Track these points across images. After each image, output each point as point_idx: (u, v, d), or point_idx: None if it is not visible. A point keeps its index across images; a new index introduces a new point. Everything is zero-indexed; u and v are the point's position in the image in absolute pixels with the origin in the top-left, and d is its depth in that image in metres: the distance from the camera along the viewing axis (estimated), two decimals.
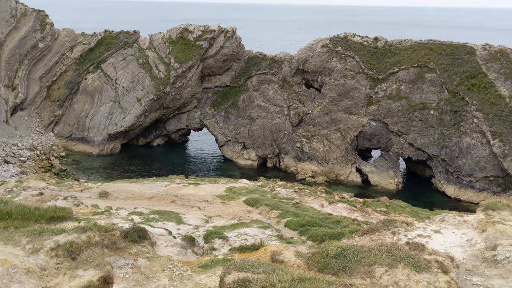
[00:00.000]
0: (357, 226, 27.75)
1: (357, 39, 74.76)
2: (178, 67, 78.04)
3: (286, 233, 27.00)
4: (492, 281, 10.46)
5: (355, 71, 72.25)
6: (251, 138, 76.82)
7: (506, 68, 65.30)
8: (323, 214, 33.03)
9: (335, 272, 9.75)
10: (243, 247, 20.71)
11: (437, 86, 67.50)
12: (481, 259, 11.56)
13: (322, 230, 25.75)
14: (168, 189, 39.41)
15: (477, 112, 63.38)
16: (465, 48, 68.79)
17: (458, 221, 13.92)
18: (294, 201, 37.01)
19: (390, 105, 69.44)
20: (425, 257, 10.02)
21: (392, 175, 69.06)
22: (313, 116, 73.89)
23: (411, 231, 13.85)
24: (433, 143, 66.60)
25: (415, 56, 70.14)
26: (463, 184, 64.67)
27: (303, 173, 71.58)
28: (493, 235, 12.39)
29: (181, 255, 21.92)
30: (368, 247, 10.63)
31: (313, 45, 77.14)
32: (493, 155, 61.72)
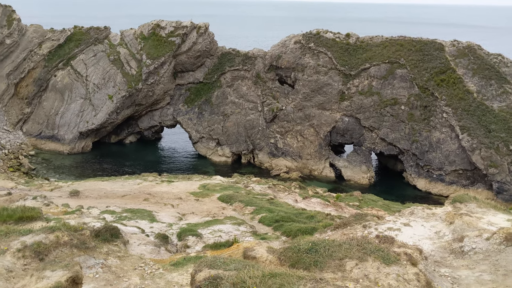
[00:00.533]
0: (330, 220, 28.03)
1: (330, 35, 75.35)
2: (150, 63, 77.11)
3: (261, 229, 27.08)
4: (459, 272, 10.71)
5: (328, 67, 72.83)
6: (225, 135, 76.64)
7: (474, 63, 66.90)
8: (297, 209, 33.26)
9: (306, 267, 9.80)
10: (217, 244, 20.68)
11: (408, 81, 68.66)
12: (448, 251, 11.82)
13: (296, 225, 25.93)
14: (141, 187, 38.97)
15: (446, 107, 64.77)
16: (434, 45, 70.15)
17: (427, 214, 14.19)
18: (268, 197, 37.14)
19: (362, 101, 70.31)
20: (395, 250, 10.18)
21: (365, 170, 70.01)
22: (287, 112, 74.19)
23: (381, 224, 14.06)
24: (404, 138, 67.77)
25: (386, 52, 71.16)
26: (433, 177, 66.07)
27: (278, 169, 71.86)
28: (460, 227, 12.68)
29: (154, 253, 21.72)
30: (339, 241, 10.73)
31: (286, 41, 77.39)
32: (462, 149, 63.24)
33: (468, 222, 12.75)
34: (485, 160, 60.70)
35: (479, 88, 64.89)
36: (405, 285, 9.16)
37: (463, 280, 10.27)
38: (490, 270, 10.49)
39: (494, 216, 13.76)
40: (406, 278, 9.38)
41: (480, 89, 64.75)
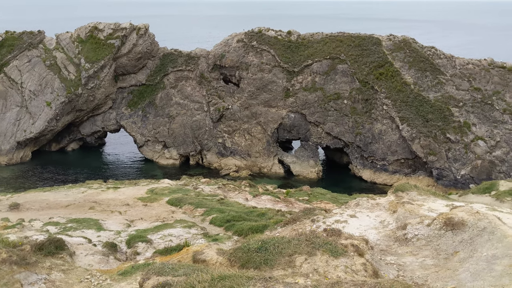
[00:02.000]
0: (281, 216, 28.29)
1: (271, 33, 76.01)
2: (89, 67, 74.65)
3: (212, 230, 26.92)
4: (404, 259, 11.08)
5: (272, 64, 73.47)
6: (171, 137, 75.56)
7: (410, 57, 69.70)
8: (248, 207, 33.33)
9: (257, 266, 9.80)
10: (168, 248, 20.39)
11: (349, 76, 70.52)
12: (393, 239, 12.20)
13: (248, 223, 25.99)
14: (86, 195, 37.68)
15: (386, 99, 67.10)
16: (372, 39, 72.44)
17: (371, 204, 14.60)
18: (219, 197, 36.97)
19: (307, 97, 71.49)
20: (342, 242, 10.38)
21: (313, 164, 71.27)
22: (233, 111, 74.19)
23: (329, 217, 14.31)
24: (348, 131, 69.57)
25: (327, 49, 72.70)
26: (378, 168, 68.31)
27: (227, 169, 71.75)
28: (403, 215, 13.13)
29: (103, 263, 21.09)
30: (288, 238, 10.81)
31: (229, 40, 77.33)
32: (403, 139, 65.76)
33: (410, 210, 13.22)
34: (424, 149, 63.46)
35: (415, 80, 67.67)
36: (353, 275, 9.36)
37: (407, 266, 10.63)
38: (432, 255, 10.93)
39: (434, 202, 14.36)
40: (354, 269, 9.59)
41: (417, 80, 67.56)
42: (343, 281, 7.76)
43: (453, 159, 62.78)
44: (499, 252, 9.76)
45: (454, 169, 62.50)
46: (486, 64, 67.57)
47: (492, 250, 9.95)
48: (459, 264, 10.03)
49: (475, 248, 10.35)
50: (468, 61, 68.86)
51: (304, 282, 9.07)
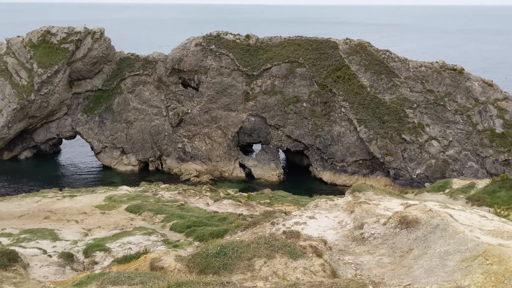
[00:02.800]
0: (242, 220, 28.24)
1: (230, 37, 76.04)
2: (43, 72, 72.28)
3: (172, 237, 26.61)
4: (361, 258, 11.25)
5: (231, 68, 73.47)
6: (129, 142, 74.14)
7: (365, 60, 71.37)
8: (208, 212, 33.11)
9: (216, 271, 9.70)
10: (127, 257, 20.03)
11: (307, 79, 71.42)
12: (351, 239, 12.38)
13: (209, 229, 25.84)
14: (40, 205, 36.39)
15: (344, 102, 68.38)
16: (329, 43, 73.73)
17: (330, 205, 14.77)
18: (179, 203, 36.56)
19: (267, 100, 71.87)
20: (301, 244, 10.43)
21: (274, 167, 71.64)
22: (192, 115, 73.62)
23: (288, 220, 14.37)
24: (308, 134, 70.39)
25: (285, 52, 73.40)
26: (337, 169, 69.44)
27: (187, 174, 71.06)
28: (360, 214, 13.35)
29: (58, 274, 20.50)
30: (247, 241, 10.77)
31: (187, 44, 76.79)
32: (360, 140, 67.16)
33: (367, 210, 13.46)
34: (381, 149, 65.04)
35: (371, 83, 69.32)
36: (312, 276, 9.41)
37: (365, 265, 10.80)
38: (388, 253, 11.15)
39: (390, 202, 14.68)
40: (313, 270, 9.65)
41: (373, 83, 69.22)
42: (300, 282, 7.79)
43: (409, 159, 64.63)
44: (451, 248, 10.06)
45: (410, 169, 64.34)
46: (438, 66, 70.03)
47: (445, 246, 10.25)
48: (413, 261, 10.28)
49: (429, 245, 10.63)
50: (421, 63, 71.17)
51: (263, 285, 9.05)
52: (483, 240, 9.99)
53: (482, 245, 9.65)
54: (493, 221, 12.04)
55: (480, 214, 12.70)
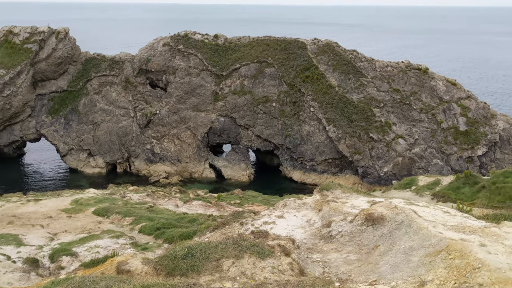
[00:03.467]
0: (212, 221, 28.13)
1: (198, 37, 75.62)
2: (5, 73, 70.06)
3: (141, 239, 26.30)
4: (329, 256, 11.36)
5: (199, 68, 73.07)
6: (96, 144, 72.73)
7: (333, 60, 72.23)
8: (178, 214, 32.85)
9: (183, 273, 9.61)
10: (95, 261, 19.72)
11: (276, 79, 71.76)
12: (319, 237, 12.49)
13: (178, 230, 25.66)
14: (3, 210, 35.27)
15: (313, 102, 69.01)
16: (298, 43, 74.28)
17: (298, 204, 14.87)
18: (148, 205, 36.11)
19: (236, 100, 71.82)
20: (269, 243, 10.45)
21: (244, 167, 71.64)
22: (161, 116, 72.84)
23: (257, 219, 14.39)
24: (277, 133, 70.71)
25: (254, 52, 73.52)
26: (307, 168, 70.03)
27: (156, 175, 70.25)
28: (328, 213, 13.49)
29: (23, 280, 20.09)
30: (215, 242, 10.72)
31: (154, 44, 75.94)
32: (329, 139, 67.93)
33: (334, 208, 13.61)
34: (350, 148, 65.98)
35: (339, 82, 70.22)
36: (280, 276, 9.44)
37: (332, 263, 10.91)
38: (355, 250, 11.30)
39: (356, 199, 14.89)
40: (281, 269, 9.68)
41: (341, 83, 70.14)
42: (267, 282, 7.80)
43: (376, 157, 65.79)
44: (416, 244, 10.28)
45: (377, 167, 65.50)
46: (404, 66, 71.54)
47: (409, 242, 10.46)
48: (379, 258, 10.45)
49: (394, 241, 10.83)
50: (387, 63, 72.56)
51: (231, 285, 9.02)
52: (446, 235, 10.24)
53: (445, 240, 9.89)
54: (456, 216, 12.36)
55: (443, 210, 13.03)
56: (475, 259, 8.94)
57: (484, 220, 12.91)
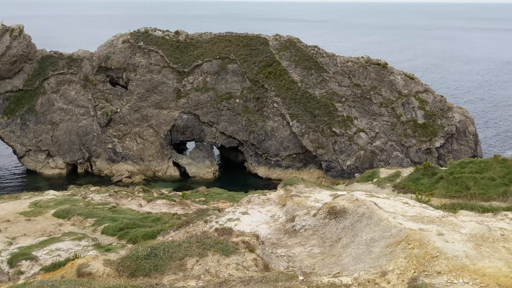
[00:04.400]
0: (177, 220, 27.86)
1: (159, 33, 74.53)
2: None
3: (104, 240, 25.81)
4: (293, 250, 11.44)
5: (161, 65, 72.06)
6: (55, 145, 70.64)
7: (295, 56, 72.74)
8: (142, 214, 32.39)
9: (146, 273, 9.47)
10: (56, 264, 19.22)
11: (239, 76, 71.64)
12: (283, 232, 12.56)
13: (142, 230, 25.31)
14: None
15: (276, 97, 69.34)
16: (260, 39, 74.36)
17: (262, 200, 14.90)
18: (110, 205, 35.42)
19: (199, 97, 71.28)
20: (233, 240, 10.42)
21: (209, 165, 71.30)
22: (122, 114, 71.46)
23: (222, 216, 14.33)
24: (242, 130, 70.69)
25: (216, 48, 73.12)
26: (272, 164, 70.37)
27: (119, 175, 68.94)
28: (292, 207, 13.57)
29: None
30: (179, 241, 10.60)
31: (114, 41, 74.31)
32: (293, 134, 68.48)
33: (298, 202, 13.71)
34: (313, 143, 66.74)
35: (302, 78, 70.82)
36: (245, 272, 9.43)
37: (297, 257, 10.99)
38: (319, 243, 11.42)
39: (320, 193, 15.05)
40: (245, 265, 9.68)
41: (303, 78, 70.75)
42: (231, 279, 7.77)
43: (339, 151, 66.82)
44: (377, 235, 10.48)
45: (340, 161, 66.55)
46: (364, 61, 72.84)
47: (371, 233, 10.66)
48: (342, 250, 10.60)
49: (356, 233, 11.01)
50: (348, 59, 73.67)
51: (195, 284, 8.95)
52: (406, 225, 10.49)
53: (405, 230, 10.13)
54: (415, 207, 12.69)
55: (403, 201, 13.34)
56: (433, 248, 9.20)
57: (442, 209, 13.32)
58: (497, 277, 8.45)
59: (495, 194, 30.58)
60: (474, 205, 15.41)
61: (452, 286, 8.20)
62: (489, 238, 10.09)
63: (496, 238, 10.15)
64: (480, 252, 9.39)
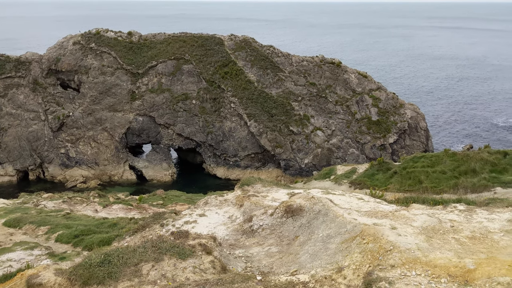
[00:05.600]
0: (134, 224, 27.27)
1: (111, 34, 72.83)
2: None
3: (59, 248, 24.98)
4: (251, 250, 11.41)
5: (114, 67, 70.44)
6: (5, 151, 67.69)
7: (251, 55, 72.91)
8: (97, 219, 31.53)
9: (100, 281, 9.17)
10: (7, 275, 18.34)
11: (195, 76, 71.08)
12: (241, 232, 12.50)
13: (98, 236, 24.66)
14: None
15: (233, 98, 69.26)
16: (215, 39, 74.05)
17: (220, 201, 14.78)
18: (64, 212, 34.31)
19: (154, 99, 70.18)
20: (190, 243, 10.27)
21: (166, 167, 70.33)
22: (75, 118, 69.35)
23: (178, 219, 14.11)
24: (199, 131, 70.17)
25: (170, 49, 72.22)
26: (230, 164, 70.23)
27: (73, 180, 66.87)
28: (249, 207, 13.54)
29: None
30: (133, 246, 10.34)
31: (64, 43, 72.01)
32: (251, 134, 68.62)
33: (256, 202, 13.69)
34: (272, 142, 67.11)
35: (258, 78, 71.07)
36: (202, 275, 9.31)
37: (255, 257, 10.96)
38: (276, 242, 11.44)
39: (277, 192, 15.09)
40: (203, 268, 9.55)
41: (259, 78, 71.01)
42: (186, 283, 7.63)
43: (297, 149, 67.52)
44: (333, 232, 10.61)
45: (298, 159, 67.26)
46: (318, 60, 73.94)
47: (327, 230, 10.78)
48: (299, 248, 10.66)
49: (313, 230, 11.10)
50: (303, 58, 74.58)
51: None
52: (360, 221, 10.67)
53: (359, 226, 10.30)
54: (369, 202, 12.94)
55: (358, 197, 13.58)
56: (387, 242, 9.39)
57: (395, 204, 13.65)
58: (448, 267, 8.72)
59: (446, 187, 31.75)
60: (426, 198, 15.91)
61: (405, 278, 8.40)
62: (439, 230, 10.41)
63: (446, 230, 10.49)
64: (431, 244, 9.66)
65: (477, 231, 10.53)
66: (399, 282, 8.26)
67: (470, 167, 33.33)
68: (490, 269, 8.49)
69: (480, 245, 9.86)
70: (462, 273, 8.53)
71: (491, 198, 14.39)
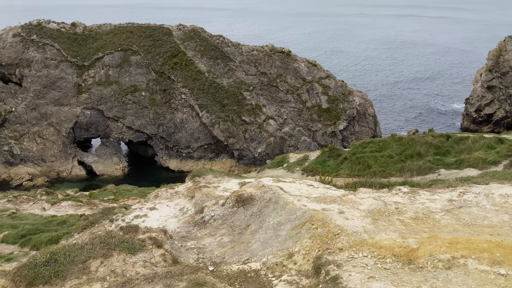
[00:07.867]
0: (84, 221, 26.61)
1: (53, 25, 69.92)
2: None
3: (5, 250, 24.05)
4: (203, 241, 11.38)
5: (58, 59, 67.77)
6: None
7: (201, 45, 72.14)
8: (46, 218, 30.57)
9: (46, 281, 8.89)
10: None
11: (144, 67, 69.60)
12: (193, 224, 12.44)
13: (47, 235, 23.94)
14: None
15: (184, 89, 68.41)
16: (163, 30, 72.67)
17: (170, 193, 14.63)
18: (10, 211, 33.01)
19: (102, 91, 68.22)
20: (139, 237, 10.12)
21: (117, 161, 68.77)
22: (18, 113, 66.33)
23: (128, 214, 13.87)
24: (150, 123, 68.94)
25: (117, 40, 70.27)
26: (183, 156, 69.56)
27: (19, 178, 64.14)
28: (201, 199, 13.48)
29: None
30: (81, 244, 10.07)
31: (3, 35, 68.47)
32: (204, 125, 68.16)
33: (207, 193, 13.65)
34: (224, 132, 66.97)
35: (209, 68, 70.50)
36: (153, 268, 9.20)
37: (207, 247, 10.95)
38: (228, 232, 11.48)
39: (228, 182, 15.11)
40: (153, 261, 9.45)
41: (210, 68, 70.47)
42: (134, 277, 7.53)
43: (250, 139, 67.75)
44: (283, 219, 10.76)
45: (252, 148, 67.53)
46: (268, 50, 74.20)
47: (277, 218, 10.92)
48: (251, 236, 10.74)
49: (264, 218, 11.21)
50: (253, 47, 74.60)
51: (100, 286, 8.59)
52: (309, 207, 10.87)
53: (309, 212, 10.49)
54: (319, 188, 13.20)
55: (308, 184, 13.82)
56: (335, 226, 9.63)
57: (344, 189, 14.00)
58: (393, 248, 9.06)
59: (394, 171, 32.92)
60: (373, 182, 16.42)
61: (353, 260, 8.65)
62: (385, 212, 10.78)
63: (391, 212, 10.88)
64: (377, 226, 10.00)
65: (420, 211, 10.98)
66: (347, 265, 8.50)
67: (415, 151, 34.67)
68: (432, 247, 8.89)
69: (422, 225, 10.30)
70: (406, 253, 8.88)
71: (434, 180, 15.04)
